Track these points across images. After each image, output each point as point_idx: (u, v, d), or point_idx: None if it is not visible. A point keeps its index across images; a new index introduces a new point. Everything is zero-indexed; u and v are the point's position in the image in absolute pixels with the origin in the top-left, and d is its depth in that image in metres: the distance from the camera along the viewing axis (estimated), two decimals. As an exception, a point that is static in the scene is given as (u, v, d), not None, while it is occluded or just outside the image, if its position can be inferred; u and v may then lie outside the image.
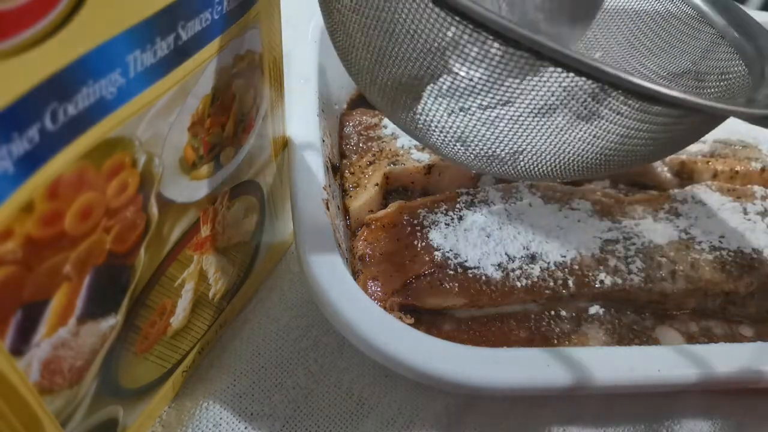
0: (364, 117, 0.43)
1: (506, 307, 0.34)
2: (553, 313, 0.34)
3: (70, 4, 0.17)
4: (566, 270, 0.34)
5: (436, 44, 0.24)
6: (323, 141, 0.36)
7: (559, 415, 0.33)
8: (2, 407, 0.20)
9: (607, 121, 0.25)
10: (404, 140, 0.41)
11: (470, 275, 0.33)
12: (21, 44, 0.16)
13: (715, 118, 0.27)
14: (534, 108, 0.25)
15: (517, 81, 0.24)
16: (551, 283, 0.34)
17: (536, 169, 0.28)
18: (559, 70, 0.22)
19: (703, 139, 0.44)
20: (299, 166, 0.33)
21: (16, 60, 0.16)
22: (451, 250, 0.34)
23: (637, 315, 0.35)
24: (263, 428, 0.31)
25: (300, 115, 0.36)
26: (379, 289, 0.33)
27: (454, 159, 0.29)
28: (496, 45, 0.23)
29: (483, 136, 0.27)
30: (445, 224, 0.35)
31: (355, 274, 0.34)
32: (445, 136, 0.28)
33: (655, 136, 0.26)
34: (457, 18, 0.22)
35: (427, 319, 0.33)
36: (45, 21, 0.16)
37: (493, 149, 0.27)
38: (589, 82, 0.23)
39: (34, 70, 0.16)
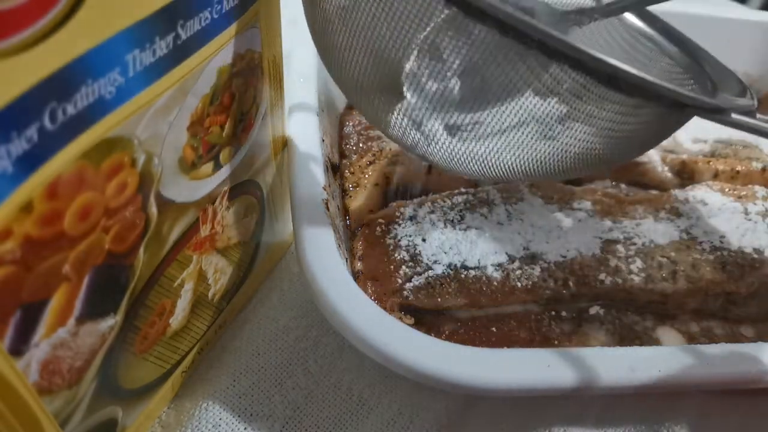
0: (364, 117, 0.43)
1: (507, 308, 0.34)
2: (553, 313, 0.34)
3: (69, 3, 0.17)
4: (567, 270, 0.34)
5: (415, 21, 0.24)
6: (323, 141, 0.36)
7: (559, 415, 0.33)
8: (1, 408, 0.19)
9: (564, 104, 0.25)
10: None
11: (470, 275, 0.33)
12: (20, 44, 0.16)
13: (673, 113, 0.27)
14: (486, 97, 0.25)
15: (459, 49, 0.24)
16: (552, 284, 0.33)
17: (494, 169, 0.29)
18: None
19: (703, 138, 0.44)
20: (299, 166, 0.33)
21: (15, 59, 0.16)
22: (450, 249, 0.34)
23: (638, 315, 0.35)
24: (263, 429, 0.31)
25: (300, 115, 0.36)
26: (379, 289, 0.33)
27: (418, 154, 0.29)
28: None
29: (439, 131, 0.27)
30: (445, 224, 0.35)
31: (354, 275, 0.34)
32: (404, 126, 0.28)
33: (611, 126, 0.26)
34: None
35: (427, 320, 0.33)
36: (44, 20, 0.16)
37: (451, 148, 0.28)
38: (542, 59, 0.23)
39: (33, 70, 0.16)
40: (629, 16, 0.37)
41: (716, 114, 0.26)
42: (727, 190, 0.39)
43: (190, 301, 0.29)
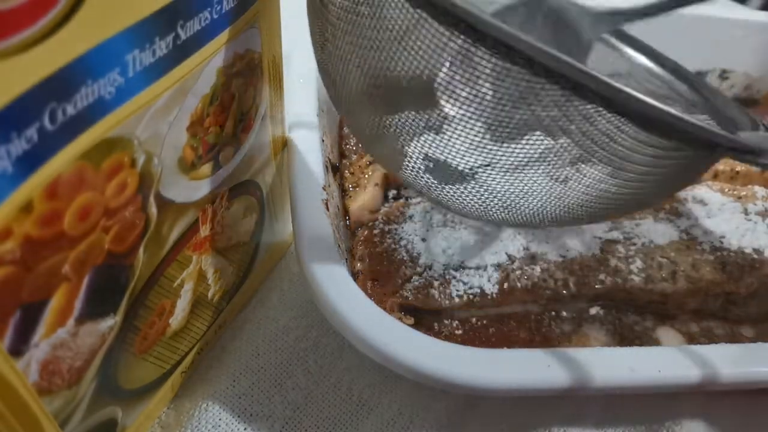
0: (364, 117, 0.43)
1: (506, 308, 0.34)
2: (553, 313, 0.34)
3: (69, 3, 0.17)
4: (566, 270, 0.34)
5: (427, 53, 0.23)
6: (323, 141, 0.36)
7: (559, 415, 0.33)
8: (1, 408, 0.19)
9: (595, 147, 0.24)
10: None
11: (470, 276, 0.33)
12: (20, 44, 0.16)
13: (706, 155, 0.25)
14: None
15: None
16: (551, 284, 0.33)
17: (518, 216, 0.28)
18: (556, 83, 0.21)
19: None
20: (299, 166, 0.33)
21: (15, 60, 0.16)
22: (450, 249, 0.34)
23: (638, 315, 0.35)
24: (262, 429, 0.31)
25: (299, 115, 0.36)
26: (379, 289, 0.33)
27: (432, 199, 0.29)
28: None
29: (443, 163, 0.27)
30: (445, 224, 0.35)
31: (354, 275, 0.34)
32: (417, 169, 0.28)
33: (643, 170, 0.25)
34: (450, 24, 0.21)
35: (427, 320, 0.33)
36: (44, 20, 0.16)
37: (467, 194, 0.27)
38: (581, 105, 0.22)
39: (32, 70, 0.16)
40: (639, 57, 0.38)
41: (750, 155, 0.24)
42: (726, 190, 0.39)
43: (190, 301, 0.29)
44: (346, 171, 0.40)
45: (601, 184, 0.25)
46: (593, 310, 0.34)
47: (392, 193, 0.39)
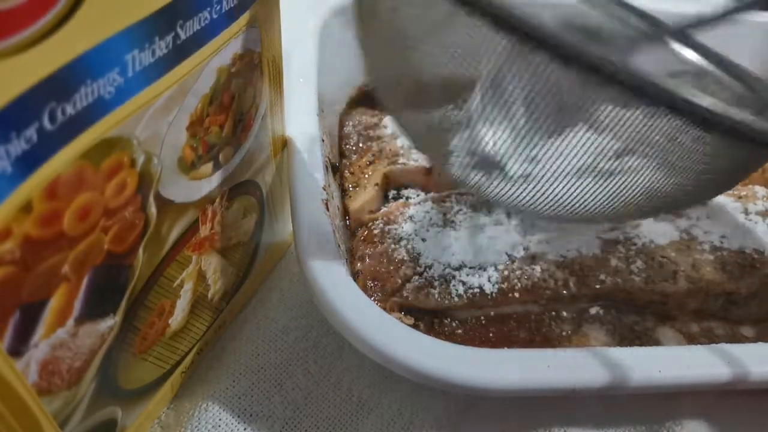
0: (364, 117, 0.43)
1: (506, 308, 0.34)
2: (553, 313, 0.34)
3: (68, 3, 0.17)
4: (567, 270, 0.34)
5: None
6: (323, 141, 0.36)
7: (559, 415, 0.33)
8: (1, 408, 0.19)
9: (654, 147, 0.24)
10: (404, 140, 0.41)
11: (470, 275, 0.33)
12: (19, 44, 0.16)
13: (764, 155, 0.25)
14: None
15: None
16: (552, 284, 0.33)
17: (573, 210, 0.28)
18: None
19: (703, 138, 0.44)
20: (299, 166, 0.33)
21: (15, 60, 0.16)
22: (450, 249, 0.34)
23: (638, 315, 0.35)
24: (262, 429, 0.31)
25: (299, 115, 0.36)
26: (378, 289, 0.33)
27: (482, 194, 0.29)
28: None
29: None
30: (445, 224, 0.35)
31: (354, 275, 0.34)
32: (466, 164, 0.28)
33: (699, 169, 0.25)
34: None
35: (426, 320, 0.33)
36: (43, 20, 0.16)
37: (524, 188, 0.27)
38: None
39: (32, 70, 0.16)
40: (683, 50, 0.38)
41: None
42: (727, 190, 0.39)
43: (190, 301, 0.29)
44: (346, 171, 0.40)
45: (656, 184, 0.25)
46: (593, 310, 0.34)
47: (392, 193, 0.39)
